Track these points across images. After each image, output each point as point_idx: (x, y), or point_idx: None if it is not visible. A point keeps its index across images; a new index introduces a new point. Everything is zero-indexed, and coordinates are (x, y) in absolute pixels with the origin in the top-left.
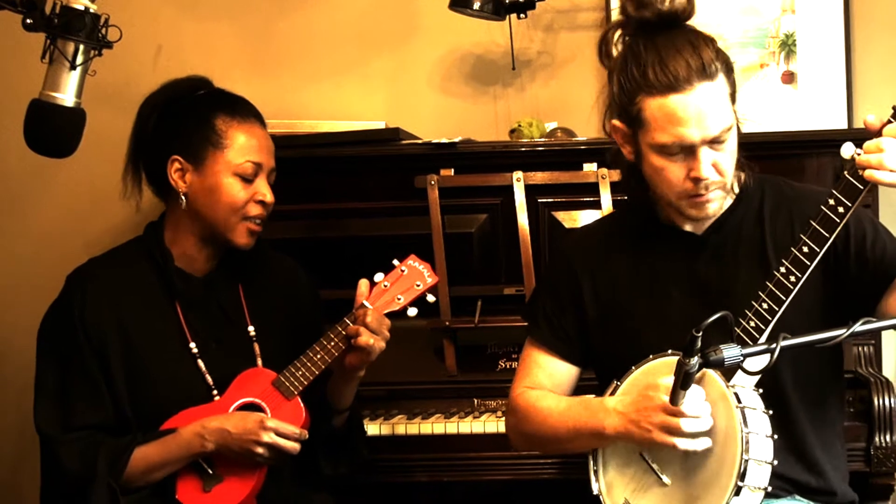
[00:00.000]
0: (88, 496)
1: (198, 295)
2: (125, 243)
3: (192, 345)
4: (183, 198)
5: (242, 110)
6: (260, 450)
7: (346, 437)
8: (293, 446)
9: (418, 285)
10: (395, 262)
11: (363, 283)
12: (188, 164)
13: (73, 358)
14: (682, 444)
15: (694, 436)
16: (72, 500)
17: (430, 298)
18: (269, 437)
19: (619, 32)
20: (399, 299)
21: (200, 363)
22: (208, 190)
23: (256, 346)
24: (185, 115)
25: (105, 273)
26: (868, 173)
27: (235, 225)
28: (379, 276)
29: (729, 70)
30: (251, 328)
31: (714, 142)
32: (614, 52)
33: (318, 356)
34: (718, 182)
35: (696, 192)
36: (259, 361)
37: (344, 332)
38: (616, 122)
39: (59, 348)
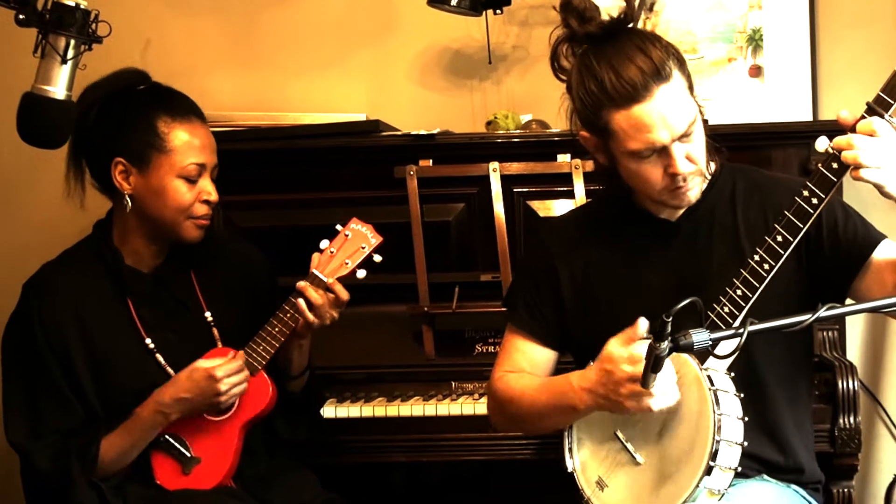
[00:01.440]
0: (71, 494)
1: (149, 290)
2: (75, 245)
3: (148, 340)
4: (128, 199)
5: (183, 109)
6: (222, 398)
7: (304, 402)
8: (245, 375)
9: (364, 247)
10: (338, 227)
11: (315, 257)
12: (132, 166)
13: (37, 366)
14: (657, 403)
15: (664, 392)
16: (55, 500)
17: (377, 258)
18: (225, 385)
19: (566, 46)
20: (347, 263)
21: (159, 357)
22: (153, 192)
23: (215, 331)
24: (127, 115)
25: (60, 278)
26: (857, 173)
27: (182, 223)
28: (324, 244)
29: (681, 63)
30: (207, 314)
31: (683, 136)
32: (566, 65)
33: (277, 329)
34: (694, 171)
35: (676, 186)
36: (219, 344)
37: (295, 302)
38: (584, 134)
39: (22, 359)
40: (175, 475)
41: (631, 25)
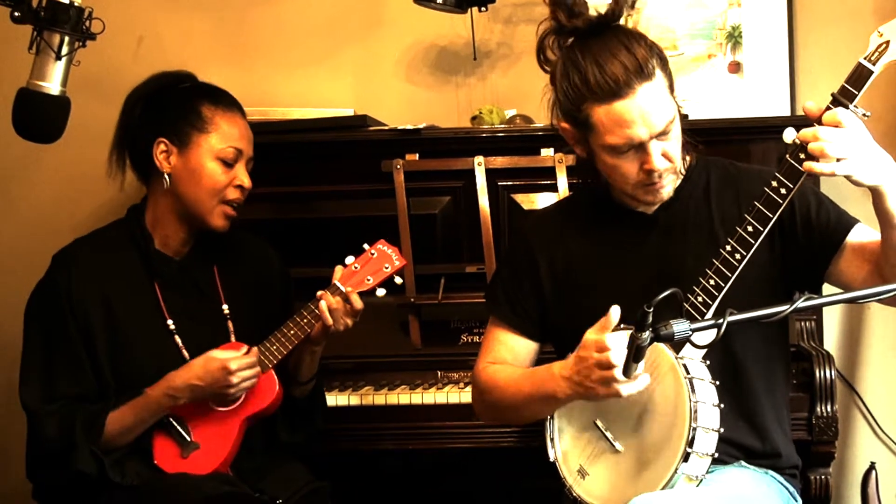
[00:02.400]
0: (72, 460)
1: (175, 276)
2: (109, 225)
3: (170, 321)
4: (167, 178)
5: (226, 100)
6: (232, 390)
7: (306, 409)
8: (256, 371)
9: (387, 268)
10: (366, 245)
11: (338, 269)
12: (173, 146)
13: (58, 333)
14: (625, 389)
15: (629, 381)
16: (56, 466)
17: (398, 280)
18: (237, 378)
19: (553, 38)
20: (368, 280)
21: (177, 339)
22: (191, 172)
23: (230, 324)
24: (172, 102)
25: (89, 253)
26: (806, 165)
27: (214, 208)
28: (350, 259)
29: (664, 63)
30: (225, 306)
31: (661, 134)
32: (552, 57)
33: (292, 332)
34: (669, 168)
35: (651, 182)
36: (232, 337)
37: (316, 311)
38: (564, 125)
39: (45, 324)
40: (173, 458)
41: (617, 23)
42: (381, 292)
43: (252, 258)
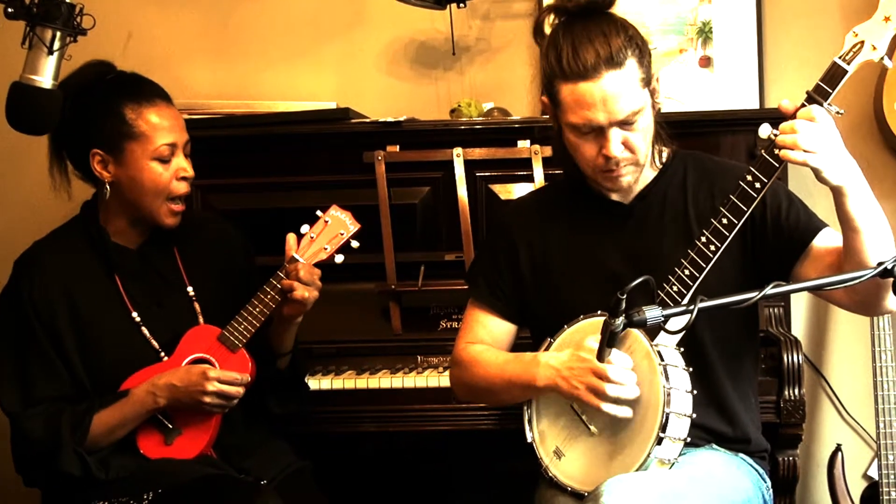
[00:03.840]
0: (57, 462)
1: (135, 266)
2: (65, 224)
3: (134, 314)
4: (108, 187)
5: (147, 93)
6: (207, 399)
7: (291, 378)
8: (237, 391)
9: (342, 233)
10: (319, 213)
11: (291, 237)
12: (108, 156)
13: (27, 338)
14: (606, 407)
15: (616, 401)
16: (42, 466)
17: (355, 244)
18: (213, 386)
19: (550, 15)
20: (326, 248)
21: (144, 330)
22: (131, 178)
23: (196, 305)
24: (97, 107)
25: (49, 255)
26: (783, 153)
27: (160, 207)
28: (305, 228)
29: (642, 56)
30: (190, 289)
31: (624, 123)
32: (546, 30)
33: (257, 309)
34: (629, 158)
35: (608, 168)
36: (200, 319)
37: (279, 286)
38: (544, 99)
39: (13, 331)
40: (157, 445)
41: (609, 10)
42: (339, 259)
43: (212, 238)
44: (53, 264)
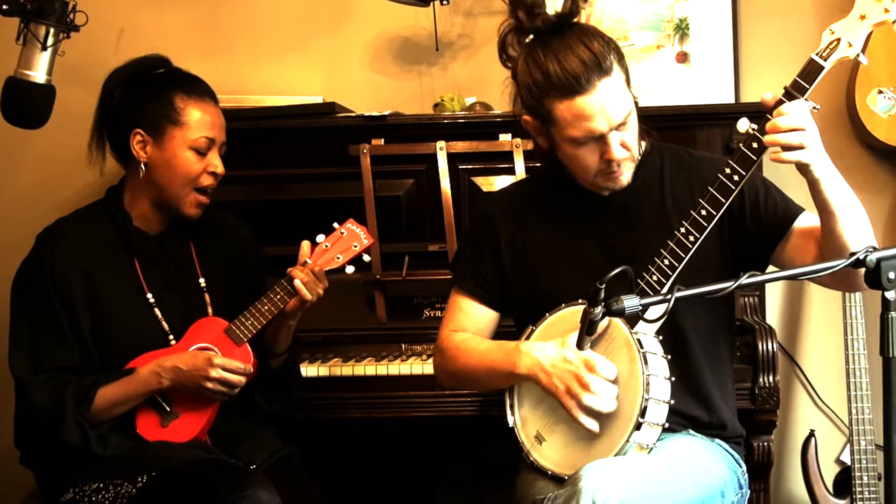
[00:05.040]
0: (59, 431)
1: (153, 251)
2: (89, 205)
3: (149, 295)
4: (143, 167)
5: (198, 89)
6: (209, 384)
7: (282, 378)
8: (239, 379)
9: (355, 246)
10: (336, 224)
11: (305, 245)
12: (149, 136)
13: (43, 308)
14: (580, 417)
15: (588, 411)
16: (43, 436)
17: (367, 258)
18: (216, 373)
19: (513, 36)
20: (338, 258)
21: (157, 311)
22: (166, 161)
23: (207, 296)
24: (147, 92)
25: (71, 232)
26: (776, 155)
27: (187, 195)
28: (320, 238)
29: (621, 57)
30: (202, 280)
31: (619, 126)
32: (512, 52)
33: (266, 307)
34: (627, 157)
35: (610, 170)
36: (209, 310)
37: (290, 287)
38: (527, 118)
39: (30, 300)
40: (154, 427)
41: (574, 20)
42: (350, 269)
43: (227, 236)
44: (74, 241)
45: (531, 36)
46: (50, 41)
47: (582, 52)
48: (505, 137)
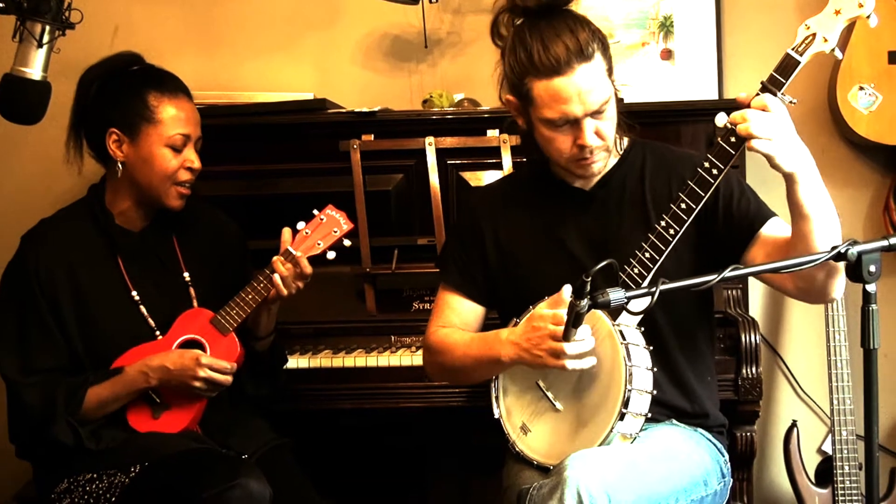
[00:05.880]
0: (52, 431)
1: (136, 248)
2: (71, 205)
3: (134, 293)
4: (120, 166)
5: (172, 86)
6: (197, 383)
7: (268, 363)
8: (226, 379)
9: (335, 231)
10: (315, 211)
11: (286, 232)
12: (125, 136)
13: (29, 310)
14: (571, 364)
15: (580, 356)
16: (36, 435)
17: (346, 243)
18: (204, 373)
19: (506, 16)
20: (319, 244)
21: (142, 308)
22: (143, 159)
23: (191, 290)
24: (121, 91)
25: (55, 233)
26: (741, 127)
27: (167, 190)
28: (301, 225)
29: (605, 48)
30: (186, 274)
31: (595, 113)
32: (504, 33)
33: (250, 297)
34: (601, 146)
35: (583, 157)
36: (195, 303)
37: (272, 276)
38: (509, 97)
39: (16, 302)
40: (146, 419)
41: (567, 6)
42: (331, 255)
43: (209, 227)
44: (58, 241)
45: (522, 18)
46: (46, 38)
47: (567, 37)
48: (492, 133)
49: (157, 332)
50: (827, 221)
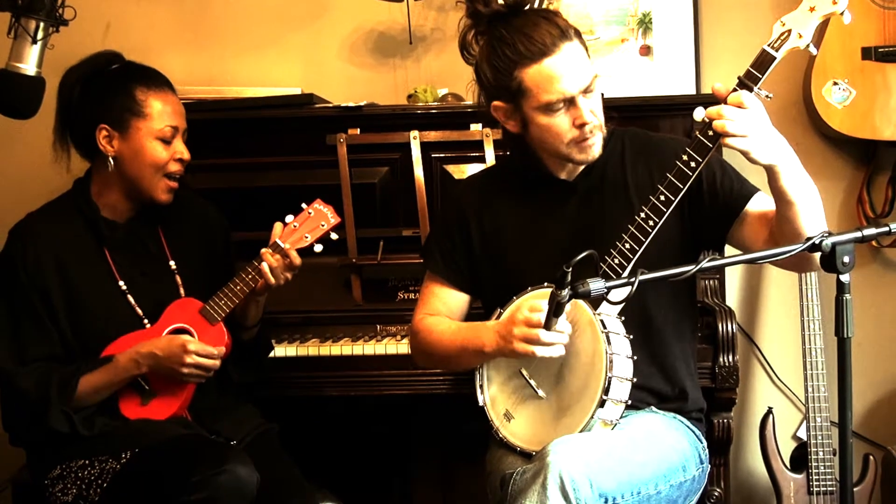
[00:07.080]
0: (46, 419)
1: (123, 238)
2: (57, 198)
3: (121, 283)
4: (111, 161)
5: (156, 80)
6: (185, 370)
7: (254, 351)
8: (213, 363)
9: (323, 225)
10: (304, 204)
11: (277, 226)
12: (115, 131)
13: (20, 301)
14: (540, 351)
15: (549, 344)
16: (31, 423)
17: (334, 236)
18: (192, 359)
19: (473, 32)
20: (307, 237)
21: (130, 298)
22: (134, 153)
23: (178, 278)
24: (107, 88)
25: (42, 225)
26: (716, 124)
27: (157, 182)
28: (289, 218)
29: (580, 36)
30: (172, 263)
31: (587, 91)
32: (475, 49)
33: (238, 287)
34: (597, 124)
35: (583, 137)
36: (181, 291)
37: (260, 266)
38: (496, 103)
39: (7, 294)
40: (135, 406)
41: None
42: (318, 248)
43: (194, 217)
44: (46, 234)
45: (491, 27)
46: (40, 35)
47: (545, 24)
48: (476, 127)
49: (146, 321)
50: (811, 204)
